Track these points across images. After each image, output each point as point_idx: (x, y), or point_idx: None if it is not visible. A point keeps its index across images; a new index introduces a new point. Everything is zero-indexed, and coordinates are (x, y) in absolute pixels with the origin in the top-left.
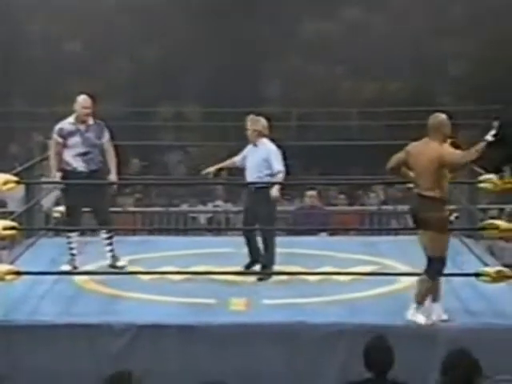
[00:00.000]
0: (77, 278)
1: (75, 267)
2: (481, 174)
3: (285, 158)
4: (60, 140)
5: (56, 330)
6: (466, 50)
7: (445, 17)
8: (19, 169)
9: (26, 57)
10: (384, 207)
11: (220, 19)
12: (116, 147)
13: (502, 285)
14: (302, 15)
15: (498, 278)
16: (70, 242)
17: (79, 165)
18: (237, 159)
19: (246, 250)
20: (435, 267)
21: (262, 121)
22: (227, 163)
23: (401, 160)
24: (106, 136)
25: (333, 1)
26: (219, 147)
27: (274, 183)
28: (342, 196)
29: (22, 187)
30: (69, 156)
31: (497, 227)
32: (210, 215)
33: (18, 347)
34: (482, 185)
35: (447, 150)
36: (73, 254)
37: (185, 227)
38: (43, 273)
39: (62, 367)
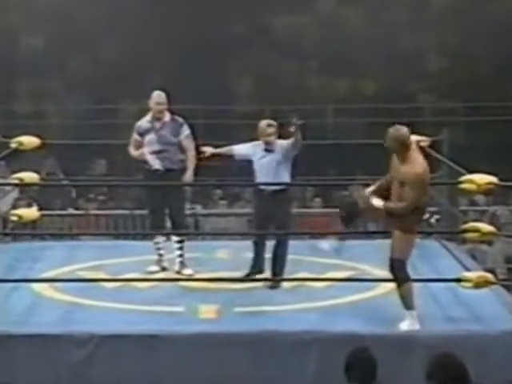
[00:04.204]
0: (35, 285)
1: (164, 268)
2: (462, 174)
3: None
4: (138, 138)
5: (13, 340)
6: (444, 45)
7: (422, 10)
8: None
9: None
10: None
11: (187, 14)
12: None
13: (484, 290)
14: (274, 10)
15: (480, 283)
16: (156, 243)
17: (155, 163)
18: (236, 149)
19: (215, 254)
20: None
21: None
22: (224, 150)
23: None
24: (184, 133)
25: None
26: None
27: (290, 184)
28: (318, 199)
29: None
30: (147, 154)
31: (478, 230)
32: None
33: None
34: (462, 185)
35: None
36: (160, 255)
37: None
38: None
39: (20, 379)
